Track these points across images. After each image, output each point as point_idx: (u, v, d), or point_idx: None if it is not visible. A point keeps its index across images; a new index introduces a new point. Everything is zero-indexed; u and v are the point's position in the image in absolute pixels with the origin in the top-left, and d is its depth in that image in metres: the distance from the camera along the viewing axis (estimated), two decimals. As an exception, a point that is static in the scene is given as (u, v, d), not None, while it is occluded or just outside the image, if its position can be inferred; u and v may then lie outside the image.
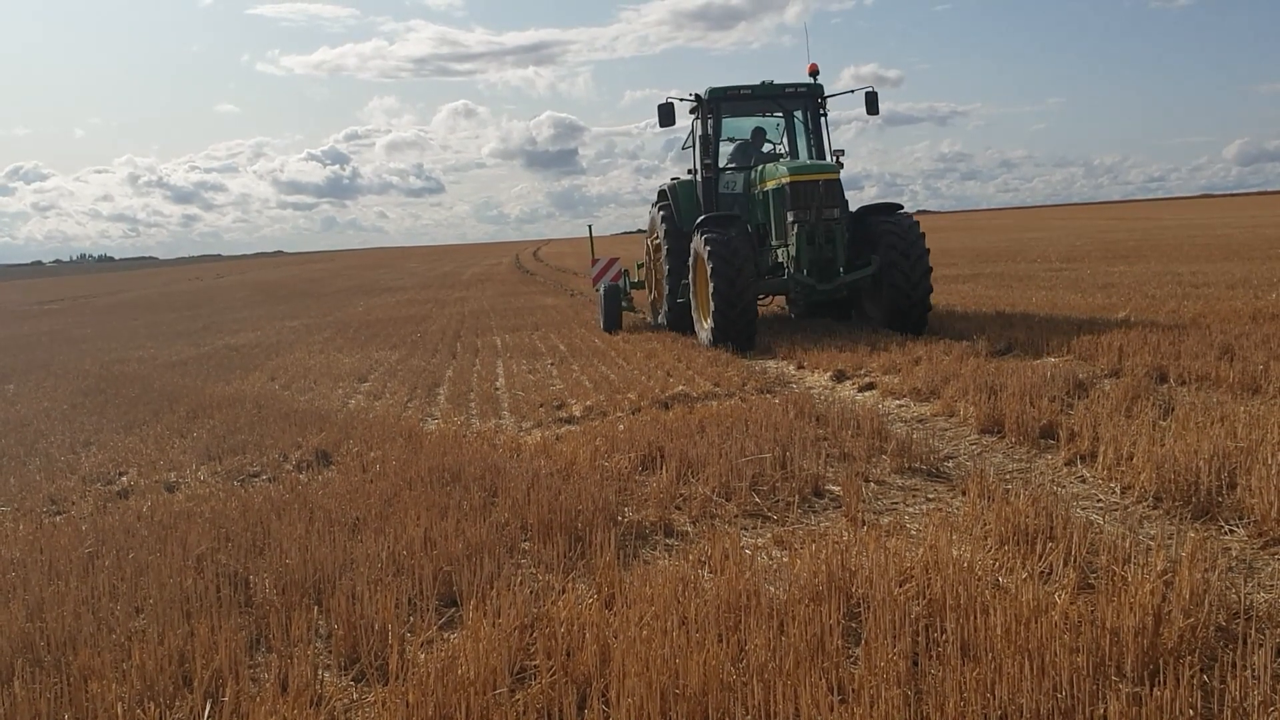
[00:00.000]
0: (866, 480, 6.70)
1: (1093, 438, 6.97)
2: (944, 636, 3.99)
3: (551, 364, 14.03)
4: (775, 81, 15.90)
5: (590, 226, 22.40)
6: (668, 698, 3.65)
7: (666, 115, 15.65)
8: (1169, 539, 5.03)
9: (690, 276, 15.07)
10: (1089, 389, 8.71)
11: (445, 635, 4.53)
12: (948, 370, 10.11)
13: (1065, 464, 6.81)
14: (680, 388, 10.65)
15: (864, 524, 5.76)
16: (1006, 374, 9.26)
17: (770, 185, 14.70)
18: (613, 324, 17.91)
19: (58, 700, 3.99)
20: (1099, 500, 6.00)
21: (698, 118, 16.19)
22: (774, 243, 14.73)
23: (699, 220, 14.50)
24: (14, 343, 24.50)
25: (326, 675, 4.24)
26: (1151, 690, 3.49)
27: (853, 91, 16.73)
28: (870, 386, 10.30)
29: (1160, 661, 3.70)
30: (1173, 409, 7.53)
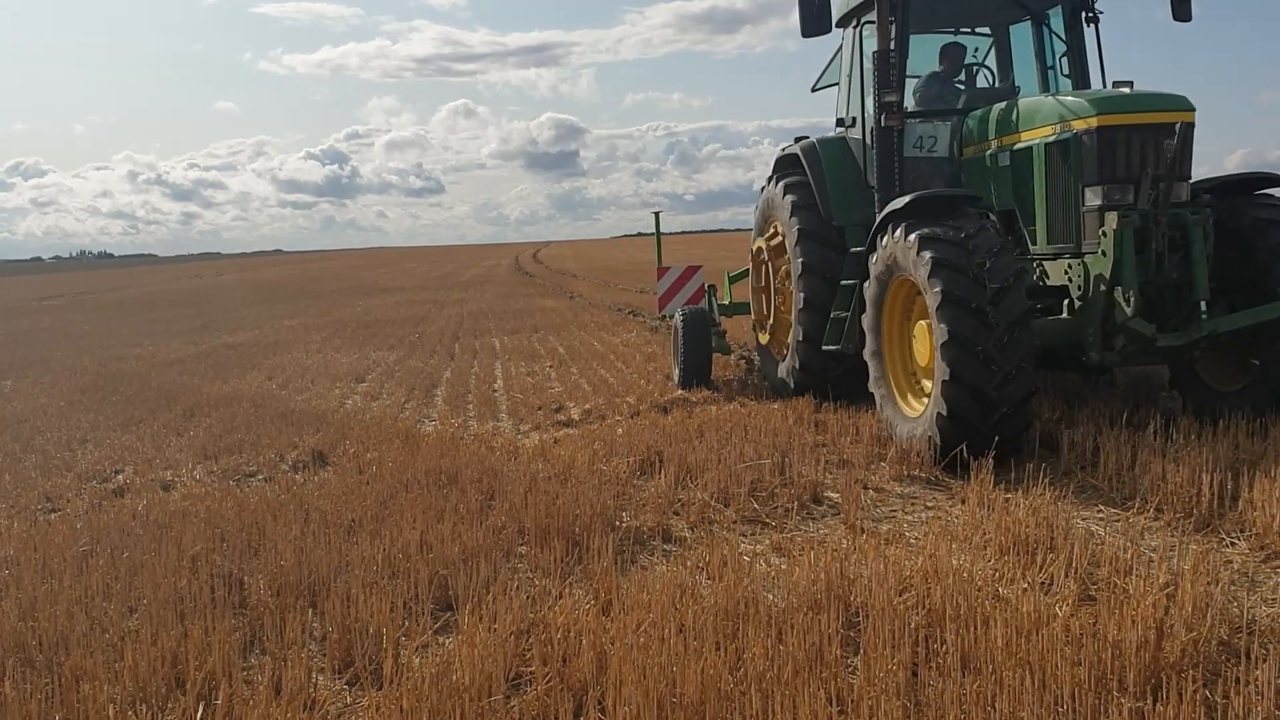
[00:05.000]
0: (865, 487, 6.67)
1: (1093, 447, 6.93)
2: (944, 647, 3.96)
3: (550, 366, 13.99)
4: None
5: (658, 215, 14.43)
6: (665, 706, 3.61)
7: (816, 15, 9.01)
8: (1171, 551, 5.00)
9: (869, 312, 8.07)
10: (1089, 398, 8.68)
11: (440, 640, 4.50)
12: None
13: (1065, 474, 6.78)
14: (679, 392, 10.62)
15: (863, 532, 5.73)
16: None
17: (1039, 135, 7.88)
18: (697, 375, 10.98)
19: (49, 701, 3.95)
20: (1100, 511, 5.97)
21: (858, 26, 9.50)
22: (1041, 249, 7.99)
23: (897, 206, 7.68)
24: (12, 339, 24.45)
25: (320, 679, 4.21)
26: (1154, 705, 3.46)
27: None
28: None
29: (1162, 676, 3.67)
30: (1175, 419, 7.49)
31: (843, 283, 9.00)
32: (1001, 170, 8.31)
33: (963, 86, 9.68)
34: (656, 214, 14.40)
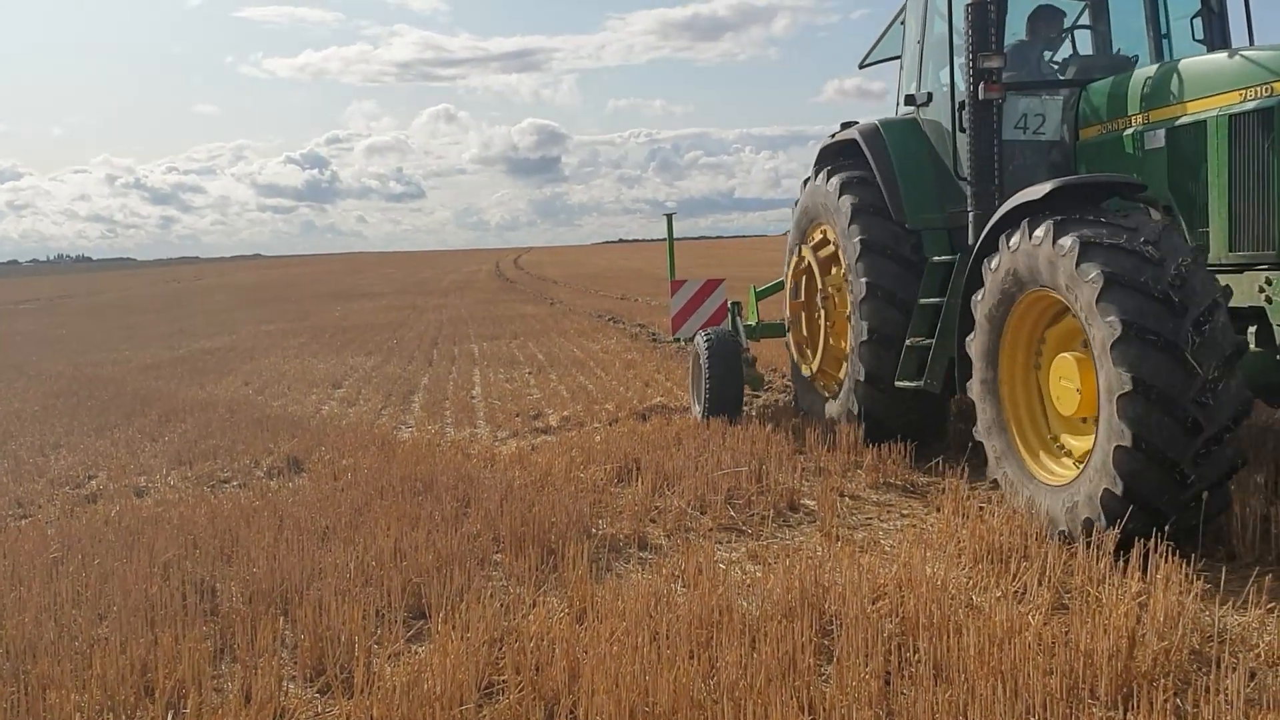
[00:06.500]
0: (842, 495, 6.69)
1: (1068, 456, 6.95)
2: (917, 656, 3.96)
3: (529, 373, 13.97)
4: None
5: (670, 218, 12.07)
6: (637, 715, 3.60)
7: None
8: (1144, 559, 5.02)
9: (980, 336, 6.16)
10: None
11: (413, 648, 4.47)
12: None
13: (1041, 482, 6.79)
14: (658, 399, 10.61)
15: (839, 539, 5.74)
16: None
17: (1217, 105, 5.85)
18: (725, 407, 9.18)
19: (15, 709, 3.91)
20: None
21: None
22: (1218, 258, 5.82)
23: (1035, 196, 5.85)
24: (-14, 342, 24.23)
25: (291, 687, 4.17)
26: (1125, 714, 3.48)
27: None
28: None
29: (1134, 684, 3.68)
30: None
31: (921, 302, 7.36)
32: (1150, 155, 6.33)
33: (1057, 61, 7.88)
34: (669, 216, 12.06)
